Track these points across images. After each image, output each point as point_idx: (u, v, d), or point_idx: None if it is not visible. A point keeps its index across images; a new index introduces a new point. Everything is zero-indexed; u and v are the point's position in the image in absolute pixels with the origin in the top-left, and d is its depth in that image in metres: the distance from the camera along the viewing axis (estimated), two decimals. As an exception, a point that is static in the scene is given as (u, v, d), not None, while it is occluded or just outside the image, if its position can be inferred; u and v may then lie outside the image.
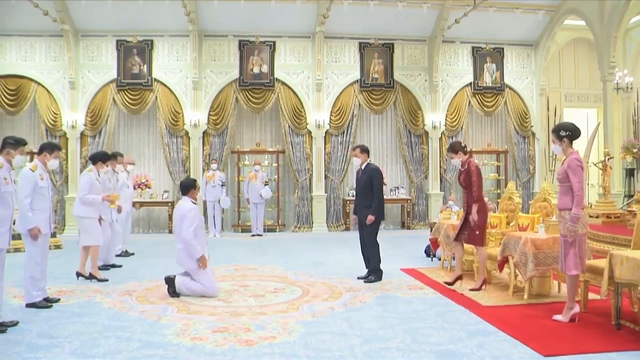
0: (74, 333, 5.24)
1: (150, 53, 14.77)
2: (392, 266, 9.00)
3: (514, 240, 6.63)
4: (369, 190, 7.92)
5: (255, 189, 14.01)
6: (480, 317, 5.67)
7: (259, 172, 14.15)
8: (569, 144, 5.47)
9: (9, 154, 5.58)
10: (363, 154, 8.13)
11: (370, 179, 7.94)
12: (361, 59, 15.36)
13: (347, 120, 15.24)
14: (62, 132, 14.60)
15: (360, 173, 8.11)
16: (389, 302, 6.48)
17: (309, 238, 13.64)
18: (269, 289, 7.32)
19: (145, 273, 8.60)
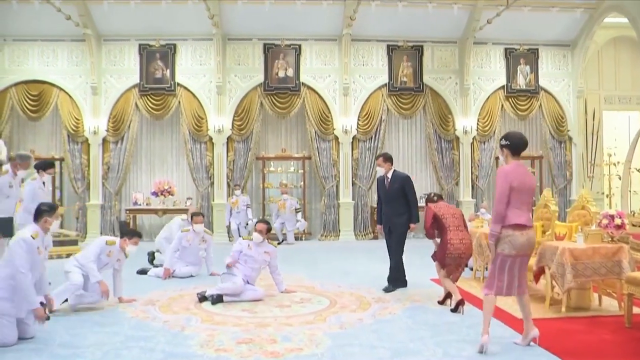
0: (96, 343, 5.32)
1: (173, 57, 14.97)
2: (422, 276, 8.95)
3: (550, 250, 6.54)
4: (400, 199, 7.93)
5: (285, 218, 14.26)
6: (515, 331, 5.59)
7: (288, 200, 14.31)
8: (509, 154, 5.12)
9: (46, 222, 5.60)
10: (387, 162, 8.12)
11: (402, 187, 7.94)
12: (389, 62, 15.35)
13: (375, 125, 15.23)
14: (84, 138, 14.86)
15: (386, 182, 8.09)
16: (419, 314, 6.44)
17: (336, 247, 13.63)
18: (295, 299, 7.34)
19: (168, 282, 8.70)
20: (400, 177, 8.07)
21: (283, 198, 14.48)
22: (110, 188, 14.91)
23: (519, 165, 5.08)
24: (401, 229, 7.94)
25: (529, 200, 5.05)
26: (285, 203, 14.35)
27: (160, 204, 14.83)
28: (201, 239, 9.45)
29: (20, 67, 14.93)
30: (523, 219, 4.95)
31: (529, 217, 5.02)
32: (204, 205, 14.77)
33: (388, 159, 8.17)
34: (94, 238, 13.49)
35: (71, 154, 14.91)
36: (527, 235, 4.96)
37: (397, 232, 7.96)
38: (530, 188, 5.06)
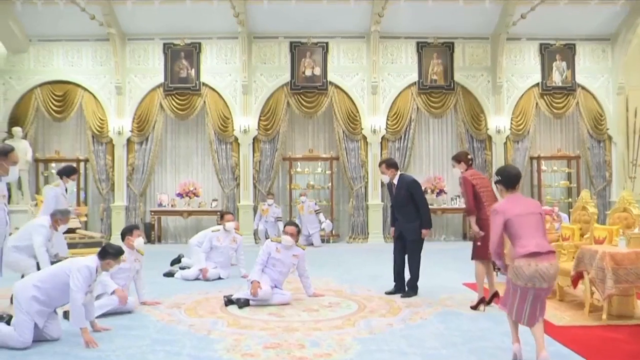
0: (122, 347, 5.37)
1: (198, 56, 15.10)
2: (454, 280, 8.87)
3: (589, 254, 6.42)
4: (410, 205, 7.84)
5: (305, 220, 14.27)
6: (553, 338, 5.48)
7: (306, 202, 14.38)
8: (503, 189, 5.02)
9: (109, 264, 5.75)
10: (390, 169, 8.03)
11: (410, 193, 7.85)
12: (419, 59, 15.27)
13: (404, 124, 15.16)
14: (109, 139, 15.07)
15: (393, 188, 8.02)
16: (451, 319, 6.38)
17: (364, 249, 13.60)
18: (324, 303, 7.32)
19: (194, 284, 8.75)
20: (406, 182, 7.97)
21: (301, 200, 14.53)
22: (135, 189, 15.09)
23: (515, 197, 4.96)
24: (413, 236, 7.84)
25: (537, 224, 4.77)
26: (303, 205, 14.38)
27: (185, 205, 14.97)
28: (232, 239, 9.51)
29: (45, 67, 15.21)
30: (530, 246, 4.67)
31: (538, 241, 4.67)
32: (229, 207, 14.84)
33: (391, 165, 8.10)
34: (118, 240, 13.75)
35: (96, 155, 15.13)
36: (536, 266, 4.58)
37: (410, 241, 7.87)
38: (533, 212, 4.83)
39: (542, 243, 4.69)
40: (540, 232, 4.76)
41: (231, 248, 9.51)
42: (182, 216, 15.01)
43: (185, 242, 14.95)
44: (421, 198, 7.92)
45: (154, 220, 14.98)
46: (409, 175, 8.36)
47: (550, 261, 4.65)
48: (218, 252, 9.40)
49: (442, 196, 15.26)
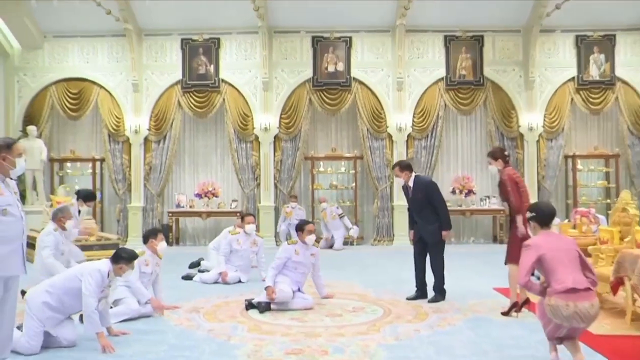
0: (139, 352, 5.42)
1: (217, 52, 15.17)
2: (484, 285, 8.81)
3: (631, 258, 6.30)
4: (428, 207, 7.83)
5: (330, 227, 14.31)
6: (591, 348, 5.40)
7: (327, 208, 14.36)
8: (537, 226, 5.00)
9: (121, 268, 5.81)
10: (404, 171, 8.00)
11: (427, 195, 7.83)
12: (447, 54, 15.16)
13: (431, 122, 15.08)
14: (125, 138, 15.20)
15: (410, 190, 7.99)
16: (481, 326, 6.33)
17: (390, 252, 13.57)
18: (348, 308, 7.32)
19: (213, 288, 8.80)
20: (423, 184, 7.97)
21: (322, 207, 14.50)
22: (152, 189, 15.21)
23: (549, 235, 4.93)
24: (434, 239, 7.82)
25: (573, 258, 4.70)
26: (325, 212, 14.37)
27: (204, 206, 15.05)
28: (252, 242, 9.54)
29: (60, 64, 15.39)
30: (568, 282, 4.56)
31: (576, 277, 4.61)
32: (249, 208, 14.88)
33: (405, 167, 8.07)
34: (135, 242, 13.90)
35: (112, 154, 15.27)
36: (575, 307, 4.48)
37: (432, 244, 7.86)
38: (568, 248, 4.76)
39: (579, 279, 4.60)
40: (577, 268, 4.68)
41: (252, 251, 9.54)
42: (201, 217, 15.09)
43: (204, 244, 15.10)
44: (439, 199, 7.90)
45: (171, 222, 15.08)
46: (425, 177, 8.37)
47: (591, 301, 4.55)
48: (238, 255, 9.44)
49: (471, 197, 15.14)
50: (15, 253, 4.59)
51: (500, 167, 7.23)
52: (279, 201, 15.11)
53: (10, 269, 4.59)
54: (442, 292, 7.79)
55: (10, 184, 4.71)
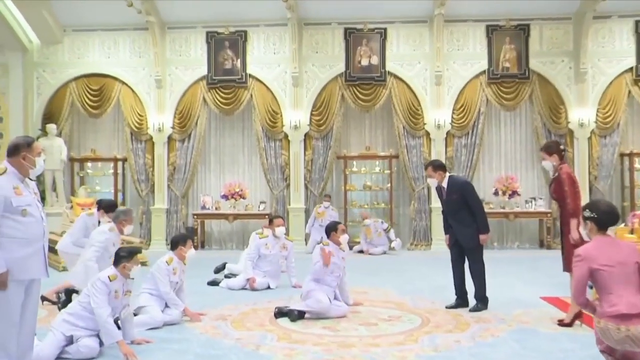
0: (164, 361, 5.50)
1: (244, 45, 15.27)
2: (530, 294, 8.73)
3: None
4: (463, 209, 7.79)
5: (378, 243, 14.28)
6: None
7: (371, 224, 14.33)
8: (594, 228, 4.74)
9: (125, 267, 5.93)
10: (437, 171, 7.97)
11: (463, 196, 7.79)
12: (489, 45, 15.03)
13: (472, 118, 14.98)
14: (148, 136, 15.41)
15: (444, 191, 7.96)
16: (527, 338, 6.28)
17: (427, 257, 13.53)
18: (383, 316, 7.33)
19: (241, 295, 8.87)
20: (457, 185, 7.93)
21: (365, 223, 14.45)
22: (177, 190, 15.39)
23: (606, 241, 4.68)
24: (471, 243, 7.77)
25: (630, 276, 4.48)
26: (370, 228, 14.33)
27: (230, 208, 15.16)
28: (282, 246, 9.60)
29: (80, 59, 15.65)
30: (620, 305, 4.38)
31: (631, 299, 4.39)
32: (279, 210, 14.95)
33: (438, 167, 8.03)
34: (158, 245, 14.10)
35: (134, 154, 15.49)
36: (627, 331, 4.29)
37: (469, 249, 7.82)
38: (626, 261, 4.52)
39: (634, 301, 4.39)
40: (634, 288, 4.48)
41: (281, 255, 9.59)
42: (227, 220, 15.21)
43: (231, 248, 15.30)
44: (475, 200, 7.88)
45: (196, 225, 15.23)
46: (459, 177, 8.33)
47: None
48: (267, 260, 9.50)
49: (516, 198, 14.97)
50: (36, 255, 4.68)
51: (555, 162, 7.08)
52: (310, 203, 15.17)
53: (31, 272, 4.69)
54: (484, 301, 7.74)
55: (30, 184, 4.82)
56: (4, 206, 4.54)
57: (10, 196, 4.56)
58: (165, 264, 7.10)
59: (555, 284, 9.40)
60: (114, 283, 5.81)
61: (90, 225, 8.49)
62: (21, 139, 4.89)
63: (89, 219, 8.58)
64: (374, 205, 15.37)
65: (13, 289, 4.56)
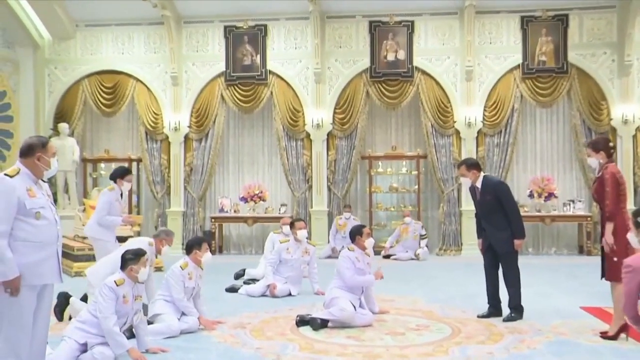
0: (181, 371, 5.51)
1: (263, 40, 15.32)
2: (569, 303, 8.62)
3: None
4: (498, 212, 7.68)
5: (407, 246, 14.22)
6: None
7: (411, 224, 14.29)
8: None
9: (132, 270, 5.95)
10: (471, 170, 7.86)
11: (497, 198, 7.68)
12: (524, 37, 14.90)
13: (505, 116, 14.87)
14: (164, 136, 15.52)
15: (477, 192, 7.87)
16: (567, 351, 6.19)
17: (458, 263, 13.45)
18: (411, 325, 7.28)
19: (261, 302, 8.87)
20: (492, 185, 7.81)
21: (405, 222, 14.41)
22: (193, 192, 15.46)
23: None
24: (506, 248, 7.66)
25: None
26: (408, 228, 14.28)
27: (250, 211, 15.20)
28: (304, 250, 9.59)
29: (93, 55, 15.83)
30: None
31: None
32: (300, 213, 14.96)
33: (471, 165, 7.94)
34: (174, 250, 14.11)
35: (149, 154, 15.61)
36: None
37: (503, 254, 7.71)
38: None
39: None
40: None
41: (303, 261, 9.58)
42: (247, 223, 15.25)
43: (250, 252, 15.34)
44: (510, 203, 7.76)
45: (214, 228, 15.28)
46: (494, 177, 8.25)
47: None
48: (288, 265, 9.49)
49: (552, 201, 14.82)
50: (49, 260, 4.71)
51: (602, 160, 6.92)
52: (333, 205, 15.16)
53: (44, 277, 4.70)
54: (518, 310, 7.65)
55: (43, 186, 4.85)
56: (17, 209, 4.57)
57: (23, 198, 4.58)
58: (180, 268, 7.10)
59: (596, 293, 9.29)
60: (121, 288, 5.82)
61: (114, 200, 8.54)
62: (35, 139, 4.92)
63: (112, 194, 8.60)
64: (401, 208, 15.30)
65: (25, 295, 4.56)
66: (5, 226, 4.48)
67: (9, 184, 4.55)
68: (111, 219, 8.39)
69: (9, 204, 4.51)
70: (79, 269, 11.12)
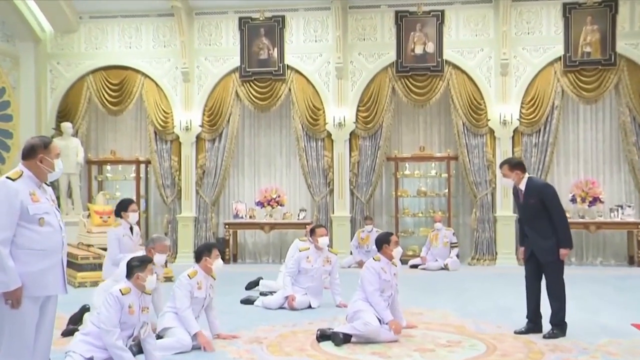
0: (192, 389, 5.50)
1: (281, 33, 15.35)
2: (618, 319, 8.50)
3: None
4: (542, 217, 7.57)
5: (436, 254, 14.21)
6: None
7: (442, 230, 14.28)
8: None
9: (138, 277, 5.97)
10: (514, 170, 7.77)
11: (542, 201, 7.58)
12: (566, 26, 14.78)
13: (544, 113, 14.78)
14: (174, 136, 15.59)
15: (521, 195, 7.79)
16: (616, 371, 6.11)
17: (492, 274, 13.38)
18: (441, 341, 7.22)
19: (278, 315, 8.85)
20: (536, 188, 7.70)
21: (436, 228, 14.39)
22: (206, 197, 15.52)
23: None
24: (549, 257, 7.55)
25: None
26: (438, 234, 14.27)
27: (266, 217, 15.22)
28: (325, 259, 9.56)
29: (98, 50, 15.95)
30: None
31: None
32: (320, 219, 14.94)
33: (515, 165, 7.84)
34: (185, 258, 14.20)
35: (159, 156, 15.69)
36: None
37: (547, 264, 7.60)
38: None
39: None
40: None
41: (324, 270, 9.55)
42: (263, 230, 15.27)
43: (267, 261, 15.38)
44: (556, 208, 7.63)
45: (228, 235, 15.32)
46: (539, 179, 8.12)
47: None
48: (308, 275, 9.46)
49: (598, 206, 14.67)
50: (53, 269, 4.70)
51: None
52: (356, 211, 15.14)
53: (48, 288, 4.70)
54: (561, 326, 7.55)
55: (47, 190, 4.86)
56: (20, 214, 4.58)
57: (26, 203, 4.59)
58: (187, 277, 7.07)
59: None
60: (127, 297, 5.83)
61: (121, 235, 8.63)
62: (37, 139, 4.93)
63: (119, 230, 8.71)
64: (430, 214, 15.27)
65: (27, 307, 4.56)
66: (7, 233, 4.48)
67: (12, 188, 4.55)
68: None
69: (12, 209, 4.51)
70: (83, 279, 11.21)
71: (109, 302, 5.76)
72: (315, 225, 10.11)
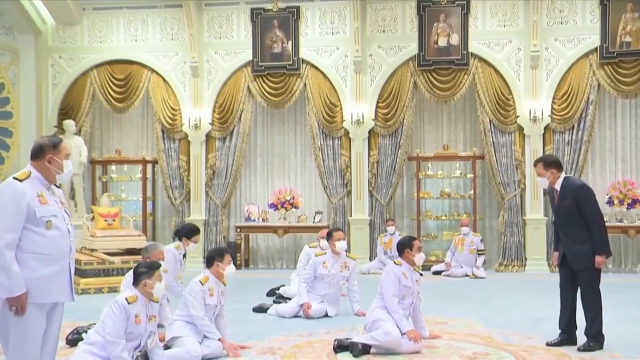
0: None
1: (295, 25, 15.36)
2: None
3: None
4: (577, 220, 7.47)
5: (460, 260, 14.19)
6: None
7: (469, 235, 14.23)
8: None
9: (146, 285, 6.00)
10: (549, 169, 7.66)
11: (577, 204, 7.48)
12: (603, 15, 14.63)
13: (578, 109, 14.68)
14: (183, 134, 15.64)
15: (555, 195, 7.71)
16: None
17: (521, 281, 13.32)
18: (466, 352, 7.21)
19: (293, 324, 8.86)
20: (572, 189, 7.58)
21: (462, 232, 14.34)
22: (216, 199, 15.56)
23: None
24: (584, 263, 7.45)
25: None
26: (464, 239, 14.22)
27: (280, 219, 15.23)
28: (343, 265, 9.54)
29: (102, 43, 16.01)
30: None
31: None
32: (337, 222, 14.93)
33: (551, 163, 7.73)
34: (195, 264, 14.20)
35: (166, 155, 15.75)
36: None
37: (581, 272, 7.51)
38: None
39: None
40: None
41: (342, 276, 9.53)
42: (277, 234, 15.27)
43: (280, 267, 15.42)
44: (592, 210, 7.51)
45: (239, 239, 15.33)
46: (576, 179, 8.03)
47: None
48: (325, 281, 9.45)
49: (637, 208, 14.55)
50: (60, 275, 4.72)
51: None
52: (375, 214, 15.13)
53: (54, 295, 4.72)
54: (597, 339, 7.47)
55: (56, 192, 4.89)
56: (27, 216, 4.60)
57: (34, 205, 4.61)
58: (199, 283, 7.09)
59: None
60: (133, 305, 5.85)
61: (175, 260, 8.82)
62: (46, 139, 4.96)
63: (178, 253, 8.92)
64: (454, 217, 15.24)
65: (33, 314, 4.59)
66: (13, 235, 4.51)
67: (19, 189, 4.59)
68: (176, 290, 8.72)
69: (19, 210, 4.54)
70: (86, 285, 11.27)
71: (115, 311, 5.77)
72: (332, 229, 10.10)
